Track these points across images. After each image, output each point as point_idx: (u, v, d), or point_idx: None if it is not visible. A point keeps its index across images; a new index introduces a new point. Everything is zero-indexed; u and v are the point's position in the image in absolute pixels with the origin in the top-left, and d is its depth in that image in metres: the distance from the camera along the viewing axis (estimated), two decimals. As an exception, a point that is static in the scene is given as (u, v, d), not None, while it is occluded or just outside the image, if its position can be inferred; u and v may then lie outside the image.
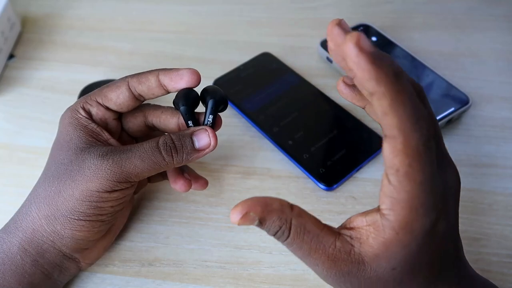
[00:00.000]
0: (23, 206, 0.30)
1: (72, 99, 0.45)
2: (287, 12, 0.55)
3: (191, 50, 0.51)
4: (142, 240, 0.36)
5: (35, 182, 0.31)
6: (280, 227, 0.22)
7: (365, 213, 0.23)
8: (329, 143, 0.40)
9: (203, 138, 0.30)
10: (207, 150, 0.30)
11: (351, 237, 0.23)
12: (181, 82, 0.30)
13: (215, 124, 0.31)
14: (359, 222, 0.23)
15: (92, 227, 0.29)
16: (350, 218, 0.24)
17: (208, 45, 0.52)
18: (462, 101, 0.42)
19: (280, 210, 0.23)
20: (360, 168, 0.39)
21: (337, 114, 0.43)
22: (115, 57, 0.51)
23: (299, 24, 0.54)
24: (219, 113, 0.31)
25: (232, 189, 0.39)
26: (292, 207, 0.23)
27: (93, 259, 0.33)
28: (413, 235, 0.21)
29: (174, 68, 0.30)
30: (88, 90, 0.45)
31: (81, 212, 0.28)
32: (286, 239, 0.23)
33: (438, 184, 0.22)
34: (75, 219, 0.28)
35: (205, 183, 0.35)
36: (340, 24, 0.21)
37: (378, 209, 0.22)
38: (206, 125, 0.30)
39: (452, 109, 0.41)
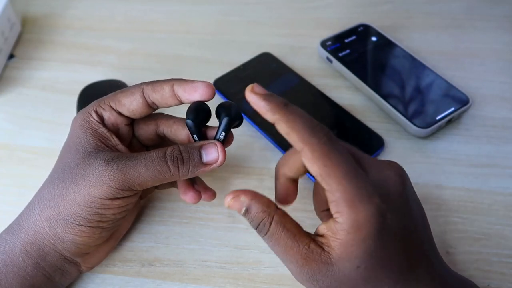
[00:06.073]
0: (27, 207, 0.30)
1: (72, 99, 0.45)
2: (287, 12, 0.55)
3: (191, 50, 0.51)
4: (142, 240, 0.36)
5: (35, 182, 0.31)
6: (262, 219, 0.25)
7: (325, 222, 0.25)
8: (329, 143, 0.40)
9: (211, 153, 0.29)
10: (214, 165, 0.29)
11: (321, 242, 0.25)
12: (195, 95, 0.29)
13: (226, 141, 0.30)
14: (322, 230, 0.25)
15: (92, 233, 0.29)
16: (317, 227, 0.26)
17: (208, 45, 0.52)
18: (462, 101, 0.42)
19: (267, 205, 0.26)
20: (360, 168, 0.39)
21: (337, 114, 0.43)
22: (115, 57, 0.51)
23: (299, 24, 0.54)
24: (232, 130, 0.31)
25: (232, 189, 0.38)
26: (278, 208, 0.26)
27: (94, 264, 0.33)
28: (364, 232, 0.23)
29: (189, 80, 0.30)
30: (87, 90, 0.45)
31: (82, 218, 0.28)
32: (266, 233, 0.25)
33: (364, 179, 0.24)
34: (76, 224, 0.28)
35: (213, 195, 0.34)
36: (253, 89, 0.27)
37: (331, 216, 0.24)
38: (217, 140, 0.30)
39: (452, 109, 0.41)
